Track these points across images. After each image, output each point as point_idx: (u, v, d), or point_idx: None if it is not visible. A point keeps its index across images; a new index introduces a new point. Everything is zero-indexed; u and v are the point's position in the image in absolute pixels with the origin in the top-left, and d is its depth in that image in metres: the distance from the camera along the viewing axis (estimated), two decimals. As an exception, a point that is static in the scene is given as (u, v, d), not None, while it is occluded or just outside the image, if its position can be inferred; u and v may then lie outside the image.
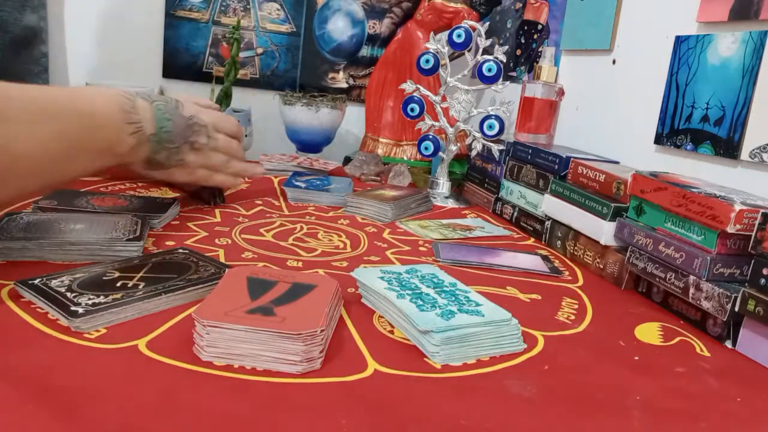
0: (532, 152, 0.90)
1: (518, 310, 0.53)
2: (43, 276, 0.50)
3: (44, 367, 0.38)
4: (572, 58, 1.06)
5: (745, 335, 0.53)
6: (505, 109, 0.98)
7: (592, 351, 0.51)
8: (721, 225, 0.55)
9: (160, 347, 0.42)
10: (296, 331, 0.41)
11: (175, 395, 0.37)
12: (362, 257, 0.69)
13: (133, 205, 0.73)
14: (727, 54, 0.73)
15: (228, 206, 0.84)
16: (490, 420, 0.38)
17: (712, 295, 0.55)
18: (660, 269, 0.61)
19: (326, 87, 1.36)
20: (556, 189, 0.81)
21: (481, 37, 1.00)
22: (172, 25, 1.26)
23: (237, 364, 0.41)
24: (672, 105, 0.81)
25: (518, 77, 1.19)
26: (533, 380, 0.44)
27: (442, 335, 0.45)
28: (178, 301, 0.50)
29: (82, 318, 0.43)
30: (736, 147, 0.70)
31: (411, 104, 1.03)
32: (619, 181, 0.72)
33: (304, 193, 0.93)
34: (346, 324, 0.50)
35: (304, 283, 0.51)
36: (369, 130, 1.28)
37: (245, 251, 0.66)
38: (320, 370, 0.42)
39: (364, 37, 1.36)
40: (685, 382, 0.47)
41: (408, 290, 0.53)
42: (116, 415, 0.34)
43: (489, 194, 1.02)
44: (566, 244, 0.79)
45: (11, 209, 0.69)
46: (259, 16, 1.30)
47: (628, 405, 0.42)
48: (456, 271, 0.67)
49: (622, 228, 0.68)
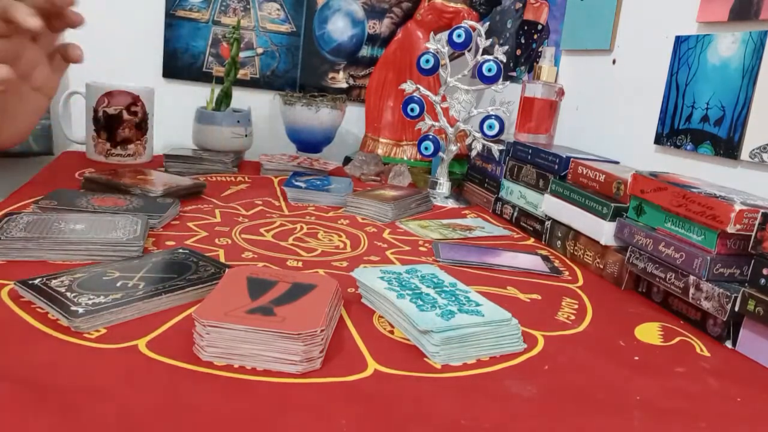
0: (532, 152, 0.90)
1: (518, 310, 0.53)
2: (43, 276, 0.50)
3: (44, 367, 0.38)
4: (572, 58, 1.06)
5: (745, 335, 0.53)
6: (505, 109, 0.98)
7: (592, 351, 0.51)
8: (721, 225, 0.55)
9: (160, 347, 0.42)
10: (296, 331, 0.41)
11: (175, 395, 0.37)
12: (362, 257, 0.69)
13: (133, 205, 0.73)
14: (727, 54, 0.73)
15: (228, 206, 0.84)
16: (490, 420, 0.38)
17: (712, 295, 0.55)
18: (660, 269, 0.61)
19: (326, 87, 1.36)
20: (556, 189, 0.81)
21: (481, 37, 1.00)
22: (172, 25, 1.26)
23: (237, 364, 0.41)
24: (672, 105, 0.81)
25: (518, 77, 1.19)
26: (533, 380, 0.44)
27: (442, 335, 0.45)
28: (178, 301, 0.50)
29: (82, 318, 0.43)
30: (736, 147, 0.70)
31: (411, 104, 1.03)
32: (619, 181, 0.72)
33: (304, 193, 0.93)
34: (346, 324, 0.50)
35: (304, 283, 0.51)
36: (369, 130, 1.28)
37: (245, 251, 0.66)
38: (320, 370, 0.42)
39: (364, 37, 1.36)
40: (685, 382, 0.47)
41: (408, 290, 0.53)
42: (116, 415, 0.34)
43: (489, 194, 1.01)
44: (566, 244, 0.79)
45: (11, 209, 0.69)
46: (259, 16, 1.30)
47: (628, 405, 0.42)
48: (456, 271, 0.67)
49: (622, 228, 0.68)
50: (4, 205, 0.71)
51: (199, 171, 1.03)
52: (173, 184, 0.84)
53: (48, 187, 0.77)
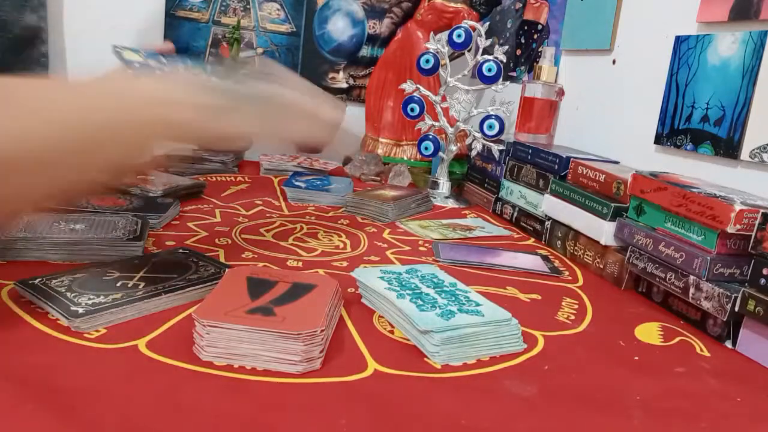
0: (532, 152, 0.90)
1: (518, 310, 0.53)
2: (43, 276, 0.50)
3: (44, 367, 0.38)
4: (572, 58, 1.06)
5: (745, 335, 0.53)
6: (505, 109, 0.98)
7: (592, 351, 0.51)
8: (721, 225, 0.55)
9: (160, 347, 0.42)
10: (296, 331, 0.41)
11: (175, 395, 0.37)
12: (362, 257, 0.69)
13: (133, 205, 0.73)
14: (727, 54, 0.73)
15: (228, 206, 0.84)
16: (490, 420, 0.38)
17: (712, 295, 0.55)
18: (660, 269, 0.61)
19: (326, 87, 1.36)
20: (556, 189, 0.81)
21: (481, 37, 1.00)
22: (172, 25, 1.26)
23: (237, 364, 0.41)
24: (672, 105, 0.80)
25: (518, 77, 1.19)
26: (533, 380, 0.44)
27: (442, 335, 0.45)
28: (178, 301, 0.50)
29: (82, 318, 0.43)
30: (736, 147, 0.70)
31: (411, 104, 1.03)
32: (619, 181, 0.72)
33: (304, 193, 0.93)
34: (346, 324, 0.50)
35: (304, 283, 0.51)
36: (369, 130, 1.28)
37: (245, 251, 0.66)
38: (320, 370, 0.42)
39: (364, 37, 1.36)
40: (685, 382, 0.47)
41: (408, 290, 0.53)
42: (116, 415, 0.34)
43: (489, 194, 1.01)
44: (566, 244, 0.79)
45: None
46: (259, 16, 1.30)
47: (628, 405, 0.42)
48: (456, 271, 0.67)
49: (622, 228, 0.68)
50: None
51: (199, 171, 1.03)
52: (173, 184, 0.84)
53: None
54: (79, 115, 0.44)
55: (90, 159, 0.45)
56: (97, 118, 0.45)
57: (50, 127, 0.42)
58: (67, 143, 0.43)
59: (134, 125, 0.47)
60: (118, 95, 0.47)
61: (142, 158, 0.50)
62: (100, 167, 0.46)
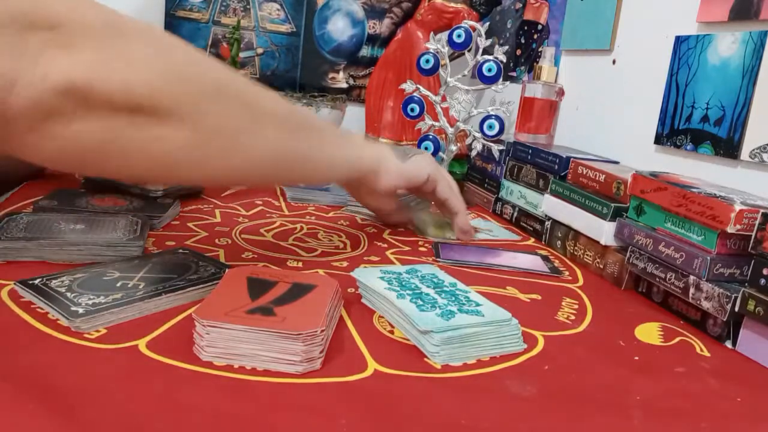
0: (532, 152, 0.90)
1: (518, 310, 0.53)
2: (43, 276, 0.50)
3: (44, 367, 0.38)
4: (572, 58, 1.06)
5: (745, 335, 0.53)
6: (505, 109, 0.98)
7: (592, 351, 0.51)
8: (721, 225, 0.55)
9: (160, 347, 0.42)
10: (296, 331, 0.41)
11: (175, 395, 0.37)
12: (362, 257, 0.69)
13: (133, 205, 0.73)
14: (727, 54, 0.73)
15: (228, 206, 0.84)
16: (490, 420, 0.38)
17: (712, 295, 0.55)
18: (660, 269, 0.61)
19: (326, 87, 1.36)
20: (556, 189, 0.81)
21: (481, 37, 0.99)
22: (172, 25, 1.25)
23: (237, 364, 0.41)
24: (672, 105, 0.81)
25: (518, 77, 1.19)
26: (533, 380, 0.44)
27: (442, 335, 0.45)
28: (178, 301, 0.50)
29: (82, 318, 0.43)
30: (736, 147, 0.70)
31: (411, 104, 1.03)
32: (619, 181, 0.72)
33: (304, 193, 0.93)
34: (346, 324, 0.50)
35: (304, 283, 0.51)
36: (369, 130, 1.28)
37: (245, 251, 0.66)
38: (320, 370, 0.42)
39: (364, 37, 1.36)
40: (685, 382, 0.47)
41: (408, 290, 0.53)
42: (116, 415, 0.34)
43: (489, 194, 1.01)
44: (566, 244, 0.79)
45: (12, 209, 0.69)
46: (259, 16, 1.30)
47: (628, 405, 0.42)
48: (456, 271, 0.67)
49: (622, 228, 0.68)
50: (4, 205, 0.71)
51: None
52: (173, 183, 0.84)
53: (48, 187, 0.77)
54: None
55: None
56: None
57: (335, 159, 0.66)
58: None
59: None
60: None
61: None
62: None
